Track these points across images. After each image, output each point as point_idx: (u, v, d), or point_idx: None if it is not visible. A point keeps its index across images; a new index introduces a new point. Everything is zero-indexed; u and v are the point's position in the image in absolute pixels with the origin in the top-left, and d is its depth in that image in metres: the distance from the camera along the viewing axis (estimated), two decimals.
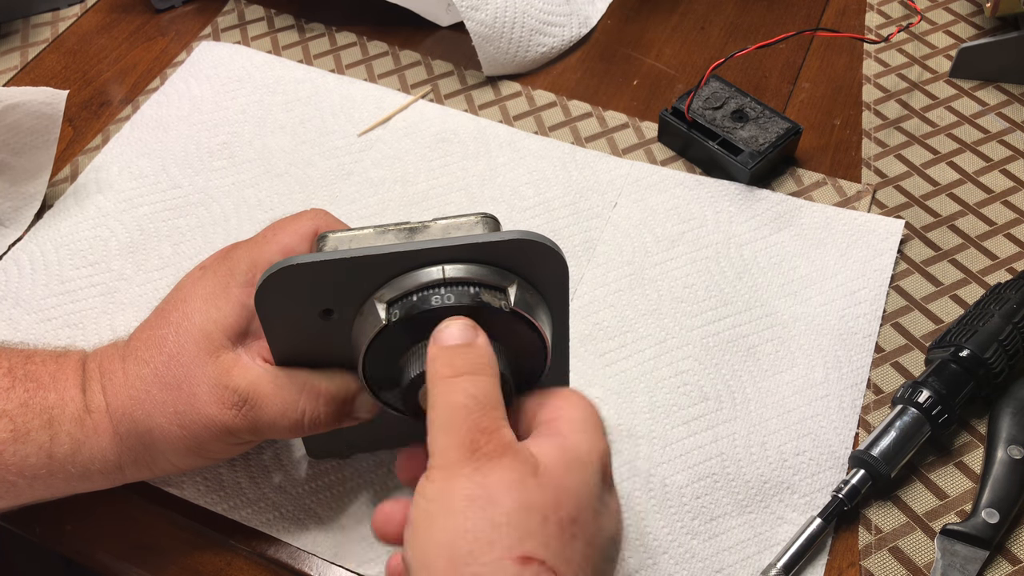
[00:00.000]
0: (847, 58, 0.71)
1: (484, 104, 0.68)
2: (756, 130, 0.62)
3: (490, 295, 0.38)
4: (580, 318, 0.56)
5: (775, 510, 0.49)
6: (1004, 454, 0.49)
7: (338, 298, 0.40)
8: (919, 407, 0.49)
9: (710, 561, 0.48)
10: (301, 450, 0.51)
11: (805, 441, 0.51)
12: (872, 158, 0.64)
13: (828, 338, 0.55)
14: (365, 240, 0.40)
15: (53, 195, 0.63)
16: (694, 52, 0.72)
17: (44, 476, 0.43)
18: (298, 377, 0.43)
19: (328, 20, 0.74)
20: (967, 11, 0.73)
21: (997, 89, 0.68)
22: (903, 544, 0.48)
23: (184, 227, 0.61)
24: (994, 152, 0.64)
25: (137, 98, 0.69)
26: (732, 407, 0.52)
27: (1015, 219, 0.61)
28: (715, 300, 0.57)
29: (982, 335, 0.51)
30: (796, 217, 0.60)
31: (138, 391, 0.43)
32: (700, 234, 0.60)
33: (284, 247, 0.44)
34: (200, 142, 0.66)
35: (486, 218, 0.41)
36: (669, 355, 0.55)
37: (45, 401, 0.43)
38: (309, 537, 0.48)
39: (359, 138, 0.66)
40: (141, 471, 0.45)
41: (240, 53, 0.71)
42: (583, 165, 0.63)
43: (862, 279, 0.57)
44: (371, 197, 0.62)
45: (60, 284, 0.58)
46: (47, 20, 0.75)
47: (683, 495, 0.49)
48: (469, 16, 0.66)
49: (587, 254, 0.59)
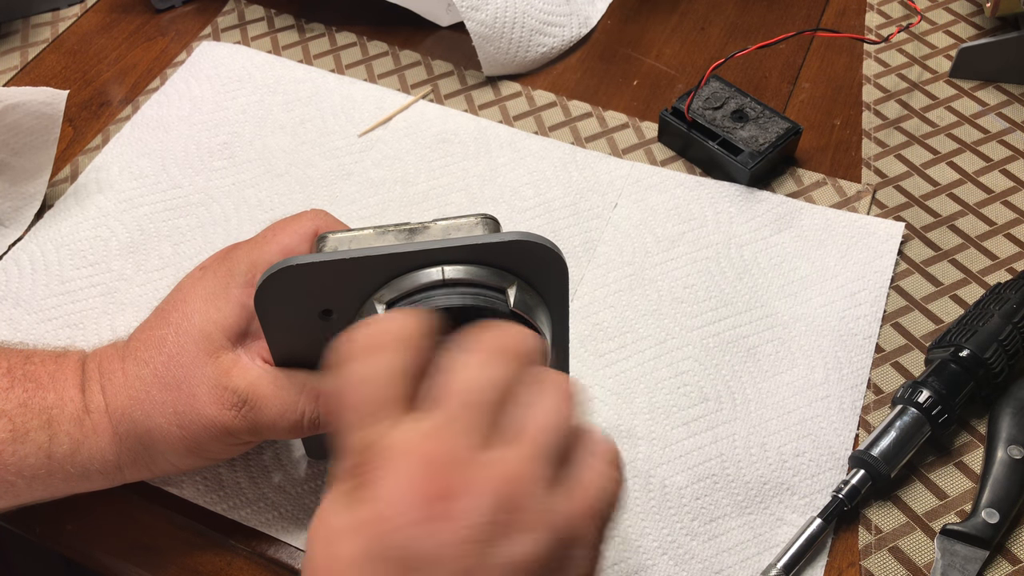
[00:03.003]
0: (847, 58, 0.71)
1: (484, 104, 0.68)
2: (756, 130, 0.62)
3: (489, 296, 0.38)
4: (580, 318, 0.56)
5: (775, 511, 0.49)
6: (1004, 454, 0.49)
7: (338, 298, 0.40)
8: (919, 407, 0.49)
9: (710, 562, 0.48)
10: (301, 450, 0.51)
11: (805, 442, 0.51)
12: (872, 158, 0.64)
13: (828, 339, 0.55)
14: (365, 241, 0.40)
15: (53, 195, 0.63)
16: (694, 52, 0.72)
17: (43, 476, 0.43)
18: (298, 378, 0.43)
19: (328, 20, 0.74)
20: (967, 11, 0.73)
21: (997, 89, 0.68)
22: (903, 544, 0.48)
23: (184, 227, 0.61)
24: (994, 152, 0.64)
25: (137, 98, 0.69)
26: (732, 408, 0.52)
27: (1015, 219, 0.61)
28: (715, 301, 0.57)
29: (982, 335, 0.51)
30: (796, 218, 0.60)
31: (137, 391, 0.43)
32: (700, 235, 0.60)
33: (284, 247, 0.44)
34: (200, 142, 0.66)
35: (486, 219, 0.41)
36: (669, 356, 0.55)
37: (44, 401, 0.43)
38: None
39: (359, 138, 0.66)
40: (140, 471, 0.45)
41: (240, 53, 0.71)
42: (583, 165, 0.63)
43: (862, 281, 0.57)
44: (371, 197, 0.62)
45: (60, 284, 0.58)
46: (47, 20, 0.75)
47: (683, 496, 0.49)
48: (469, 16, 0.66)
49: (587, 255, 0.59)
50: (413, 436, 0.30)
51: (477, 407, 0.31)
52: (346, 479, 0.31)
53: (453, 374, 0.32)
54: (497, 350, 0.32)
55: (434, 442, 0.30)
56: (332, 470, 0.32)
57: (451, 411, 0.31)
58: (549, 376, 0.33)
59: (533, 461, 0.30)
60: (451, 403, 0.31)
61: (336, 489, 0.31)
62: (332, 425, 0.44)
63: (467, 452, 0.30)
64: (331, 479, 0.32)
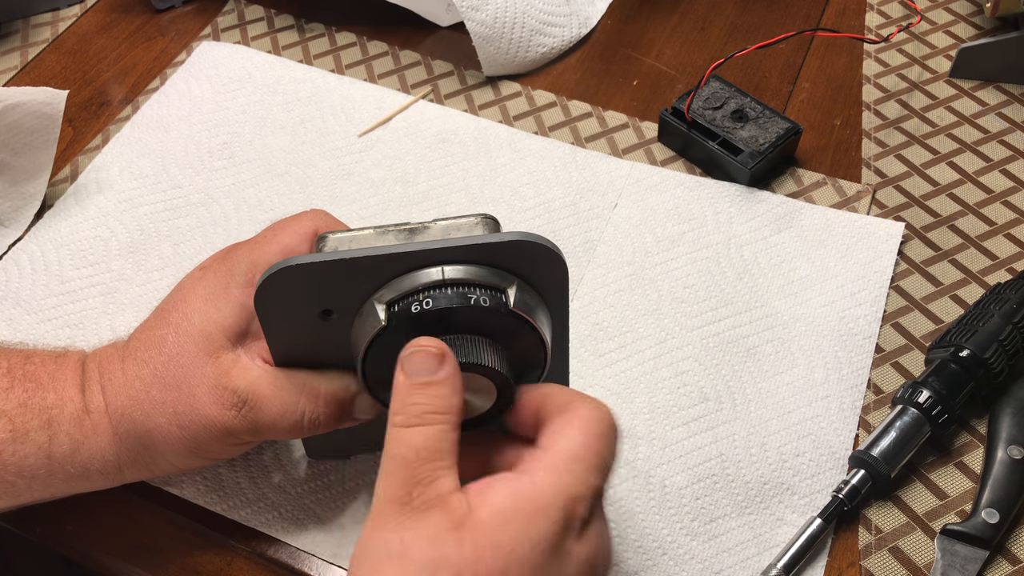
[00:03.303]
0: (847, 58, 0.71)
1: (484, 104, 0.68)
2: (756, 130, 0.62)
3: (489, 296, 0.38)
4: (580, 318, 0.56)
5: (775, 511, 0.49)
6: (1004, 454, 0.49)
7: (337, 299, 0.40)
8: (919, 407, 0.49)
9: (710, 562, 0.48)
10: (301, 450, 0.51)
11: (805, 442, 0.51)
12: (872, 158, 0.64)
13: (828, 339, 0.55)
14: (365, 241, 0.40)
15: (53, 195, 0.63)
16: (694, 52, 0.72)
17: (43, 476, 0.43)
18: (297, 378, 0.43)
19: (328, 20, 0.74)
20: (967, 11, 0.73)
21: (997, 89, 0.68)
22: (903, 544, 0.48)
23: (184, 227, 0.61)
24: (994, 152, 0.64)
25: (137, 98, 0.69)
26: (732, 408, 0.52)
27: (1015, 219, 0.61)
28: (715, 301, 0.57)
29: (982, 335, 0.51)
30: (796, 218, 0.60)
31: (137, 391, 0.43)
32: (700, 235, 0.60)
33: (284, 247, 0.44)
34: (200, 142, 0.66)
35: (486, 219, 0.41)
36: (669, 356, 0.55)
37: (44, 401, 0.43)
38: (309, 537, 0.48)
39: (359, 138, 0.66)
40: (140, 471, 0.45)
41: (240, 53, 0.71)
42: (583, 166, 0.63)
43: (862, 281, 0.57)
44: (371, 197, 0.62)
45: (60, 284, 0.58)
46: (47, 20, 0.75)
47: (683, 496, 0.49)
48: (469, 16, 0.66)
49: (587, 255, 0.59)
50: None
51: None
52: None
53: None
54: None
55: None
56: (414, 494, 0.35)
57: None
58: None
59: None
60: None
61: (379, 519, 0.34)
62: (332, 425, 0.44)
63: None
64: (371, 509, 0.35)
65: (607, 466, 0.37)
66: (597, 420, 0.37)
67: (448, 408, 0.36)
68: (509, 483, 0.35)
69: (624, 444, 0.51)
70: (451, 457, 0.36)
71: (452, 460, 0.36)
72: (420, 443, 0.35)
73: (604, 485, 0.37)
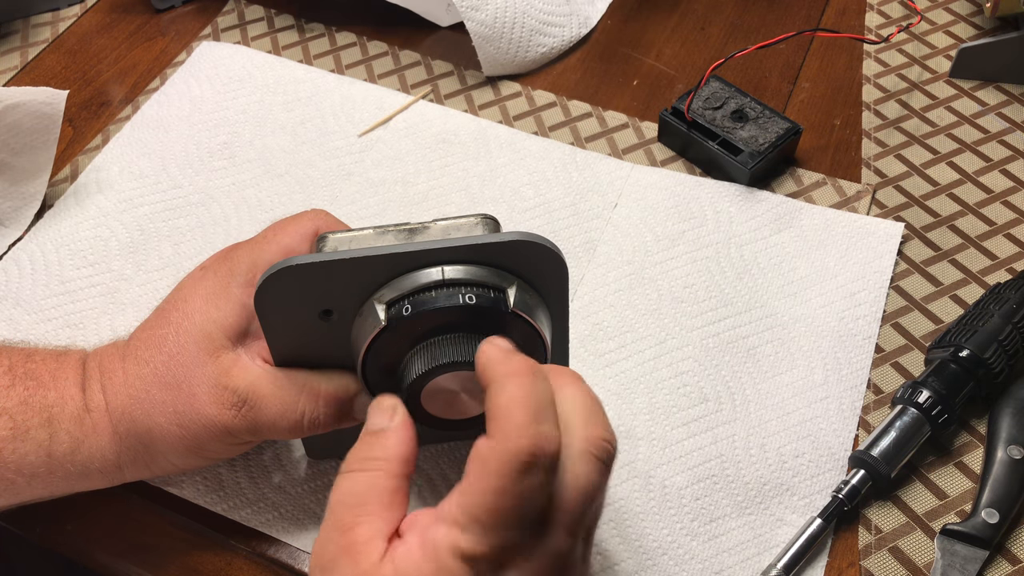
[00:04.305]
0: (847, 58, 0.71)
1: (484, 104, 0.68)
2: (756, 130, 0.62)
3: (489, 296, 0.38)
4: (580, 318, 0.56)
5: (775, 511, 0.49)
6: (1004, 454, 0.49)
7: (337, 299, 0.40)
8: (919, 407, 0.49)
9: (710, 563, 0.48)
10: (301, 450, 0.51)
11: (805, 443, 0.51)
12: (872, 158, 0.64)
13: (828, 339, 0.55)
14: (365, 241, 0.40)
15: (53, 195, 0.63)
16: (694, 52, 0.72)
17: (43, 474, 0.43)
18: (298, 378, 0.43)
19: (328, 20, 0.74)
20: (967, 11, 0.73)
21: (997, 89, 0.68)
22: (903, 544, 0.48)
23: (184, 227, 0.61)
24: (994, 152, 0.64)
25: (137, 98, 0.69)
26: (732, 408, 0.52)
27: (1015, 219, 0.61)
28: (715, 301, 0.57)
29: (982, 335, 0.51)
30: (796, 218, 0.60)
31: (138, 391, 0.43)
32: (700, 234, 0.60)
33: (284, 247, 0.44)
34: (200, 142, 0.66)
35: (486, 219, 0.41)
36: (669, 356, 0.55)
37: (45, 399, 0.43)
38: (309, 537, 0.48)
39: (359, 138, 0.66)
40: (140, 471, 0.45)
41: (240, 53, 0.71)
42: (583, 166, 0.63)
43: (862, 281, 0.57)
44: (371, 198, 0.62)
45: (60, 284, 0.58)
46: (47, 20, 0.75)
47: (683, 496, 0.49)
48: (469, 16, 0.66)
49: (587, 255, 0.59)
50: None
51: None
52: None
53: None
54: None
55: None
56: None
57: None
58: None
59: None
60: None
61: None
62: (332, 425, 0.44)
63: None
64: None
65: (530, 518, 0.33)
66: (506, 459, 0.32)
67: (387, 456, 0.37)
68: (418, 535, 0.34)
69: (624, 444, 0.51)
70: (377, 504, 0.35)
71: (378, 507, 0.35)
72: (346, 488, 0.36)
73: (545, 541, 0.34)
